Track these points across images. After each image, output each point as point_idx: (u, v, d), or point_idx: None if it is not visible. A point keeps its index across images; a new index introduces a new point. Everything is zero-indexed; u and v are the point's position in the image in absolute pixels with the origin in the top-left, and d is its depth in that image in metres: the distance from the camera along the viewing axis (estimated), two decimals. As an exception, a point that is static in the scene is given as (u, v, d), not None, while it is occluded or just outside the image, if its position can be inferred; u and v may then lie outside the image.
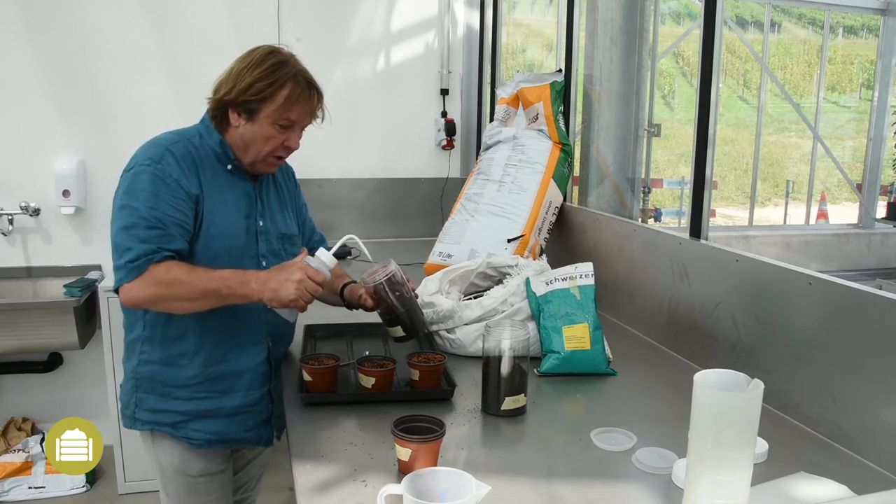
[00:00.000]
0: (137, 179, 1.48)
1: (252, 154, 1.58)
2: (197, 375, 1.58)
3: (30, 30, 3.07)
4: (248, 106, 1.53)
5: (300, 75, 1.55)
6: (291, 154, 1.64)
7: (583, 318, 1.69)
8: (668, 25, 11.45)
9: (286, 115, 1.54)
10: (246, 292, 1.43)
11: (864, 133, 5.80)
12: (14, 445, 3.07)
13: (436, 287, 1.88)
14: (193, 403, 1.60)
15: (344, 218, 3.40)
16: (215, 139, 1.58)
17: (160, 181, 1.48)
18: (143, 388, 1.61)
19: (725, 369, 1.00)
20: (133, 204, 1.47)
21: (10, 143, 3.12)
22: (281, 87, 1.52)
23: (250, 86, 1.51)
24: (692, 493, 0.99)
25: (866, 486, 1.16)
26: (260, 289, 1.43)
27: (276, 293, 1.42)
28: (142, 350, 1.59)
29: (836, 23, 11.22)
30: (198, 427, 1.61)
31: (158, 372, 1.58)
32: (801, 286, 1.45)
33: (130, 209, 1.46)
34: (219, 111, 1.57)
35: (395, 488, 1.03)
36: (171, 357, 1.57)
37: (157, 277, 1.42)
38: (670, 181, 9.75)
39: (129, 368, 1.63)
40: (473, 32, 3.60)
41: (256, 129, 1.54)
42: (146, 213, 1.45)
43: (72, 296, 2.91)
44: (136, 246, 1.43)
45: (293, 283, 1.41)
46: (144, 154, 1.52)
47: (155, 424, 1.62)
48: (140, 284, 1.43)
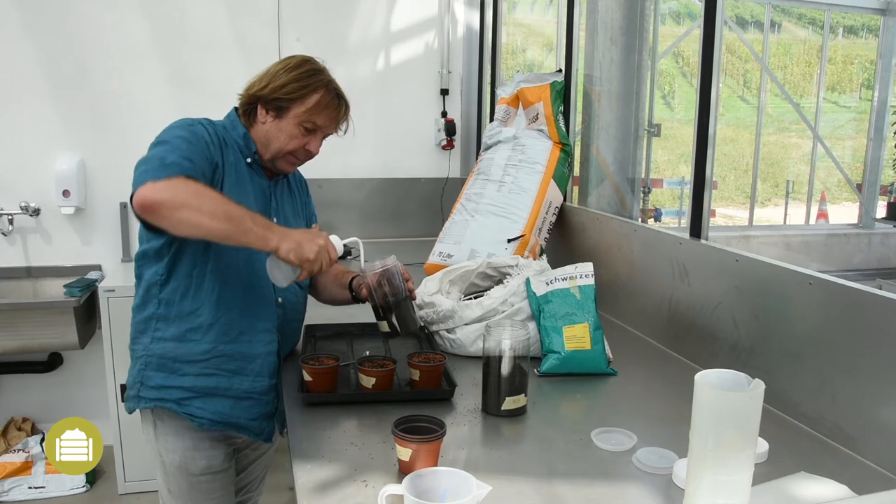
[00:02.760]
0: (171, 130, 1.52)
1: (273, 150, 1.62)
2: (209, 350, 1.58)
3: (30, 30, 3.08)
4: (279, 104, 1.59)
5: (332, 85, 1.63)
6: (311, 159, 1.68)
7: (583, 318, 1.69)
8: (668, 25, 11.45)
9: (312, 119, 1.60)
10: (267, 234, 1.40)
11: (864, 133, 5.81)
12: (14, 445, 3.07)
13: (436, 287, 1.88)
14: (202, 380, 1.59)
15: (344, 218, 3.40)
16: (239, 132, 1.63)
17: (193, 135, 1.51)
18: (151, 366, 1.60)
19: (726, 369, 1.00)
20: (167, 139, 1.48)
21: (10, 143, 3.12)
22: (313, 92, 1.59)
23: (284, 85, 1.58)
24: (693, 493, 0.99)
25: (866, 486, 1.16)
26: (281, 238, 1.41)
27: (300, 246, 1.41)
28: (156, 328, 1.59)
29: (836, 23, 11.21)
30: (202, 405, 1.60)
31: (170, 349, 1.58)
32: (801, 286, 1.45)
33: (164, 145, 1.47)
34: (249, 106, 1.63)
35: (395, 488, 1.03)
36: (185, 332, 1.57)
37: (187, 183, 1.38)
38: (670, 181, 9.75)
39: (138, 349, 1.62)
40: (473, 32, 3.60)
41: (282, 126, 1.60)
42: (181, 146, 1.46)
43: (72, 296, 2.91)
44: (171, 157, 1.42)
45: (316, 245, 1.43)
46: (176, 122, 1.56)
47: (159, 401, 1.60)
48: (166, 185, 1.35)
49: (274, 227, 1.43)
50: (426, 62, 3.57)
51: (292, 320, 1.74)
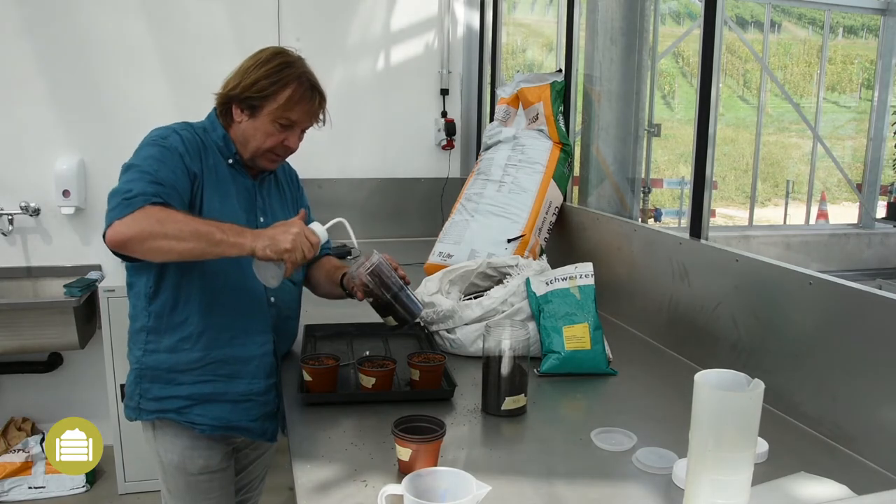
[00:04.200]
0: (143, 149, 1.51)
1: (251, 149, 1.60)
2: (201, 358, 1.58)
3: (30, 30, 3.07)
4: (251, 102, 1.56)
5: (304, 77, 1.58)
6: (291, 155, 1.66)
7: (583, 318, 1.69)
8: (668, 25, 11.46)
9: (286, 115, 1.56)
10: (240, 241, 1.39)
11: (864, 133, 5.81)
12: (14, 445, 3.07)
13: (436, 287, 1.88)
14: (198, 387, 1.59)
15: (344, 218, 3.39)
16: (219, 133, 1.61)
17: (164, 150, 1.49)
18: (147, 378, 1.60)
19: (726, 369, 1.00)
20: (136, 163, 1.47)
21: (10, 143, 3.12)
22: (284, 87, 1.55)
23: (254, 83, 1.54)
24: (692, 494, 0.99)
25: (866, 486, 1.16)
26: (254, 238, 1.39)
27: (274, 240, 1.38)
28: (147, 340, 1.59)
29: (836, 23, 11.21)
30: (202, 412, 1.60)
31: (164, 360, 1.58)
32: (801, 286, 1.45)
33: (133, 169, 1.45)
34: (224, 106, 1.60)
35: (395, 488, 1.03)
36: (176, 343, 1.57)
37: (150, 213, 1.37)
38: (670, 181, 9.76)
39: (133, 360, 1.63)
40: (473, 32, 3.60)
41: (257, 125, 1.57)
42: (149, 169, 1.44)
43: (72, 296, 2.91)
44: (136, 188, 1.40)
45: (290, 235, 1.39)
46: (152, 133, 1.55)
47: (160, 413, 1.61)
48: (131, 220, 1.37)
49: (245, 231, 1.41)
50: (426, 62, 3.57)
51: (287, 318, 1.73)
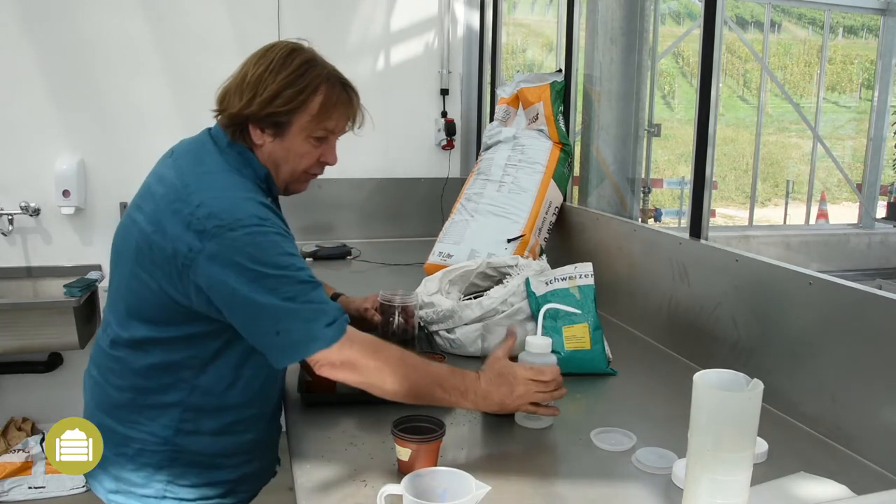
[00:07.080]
0: (265, 241, 1.15)
1: (286, 175, 1.32)
2: (253, 440, 1.37)
3: (30, 30, 3.07)
4: (276, 119, 1.25)
5: (333, 76, 1.31)
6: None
7: (583, 319, 1.69)
8: (668, 25, 11.47)
9: (323, 125, 1.29)
10: (460, 402, 1.26)
11: (864, 133, 5.82)
12: (14, 445, 3.07)
13: (436, 287, 1.88)
14: (245, 466, 1.37)
15: (344, 218, 3.40)
16: (260, 173, 1.30)
17: (284, 237, 1.19)
18: (181, 462, 1.29)
19: (725, 369, 1.00)
20: (281, 264, 1.15)
21: (10, 143, 3.12)
22: (314, 93, 1.27)
23: (276, 95, 1.24)
24: (692, 493, 0.99)
25: (866, 486, 1.16)
26: (476, 403, 1.27)
27: (503, 406, 1.28)
28: (183, 419, 1.27)
29: (836, 23, 11.22)
30: (248, 487, 1.42)
31: (207, 444, 1.30)
32: (801, 286, 1.45)
33: (280, 274, 1.14)
34: (235, 127, 1.28)
35: (394, 488, 1.03)
36: (225, 426, 1.31)
37: (363, 338, 1.19)
38: (670, 181, 9.77)
39: (146, 436, 1.28)
40: (473, 32, 3.60)
41: (288, 145, 1.28)
42: (303, 271, 1.17)
43: (72, 296, 2.91)
44: (320, 304, 1.16)
45: (520, 401, 1.28)
46: (244, 212, 1.17)
47: (201, 500, 1.32)
48: (352, 348, 1.17)
49: (468, 391, 1.24)
50: (426, 62, 3.56)
51: None
